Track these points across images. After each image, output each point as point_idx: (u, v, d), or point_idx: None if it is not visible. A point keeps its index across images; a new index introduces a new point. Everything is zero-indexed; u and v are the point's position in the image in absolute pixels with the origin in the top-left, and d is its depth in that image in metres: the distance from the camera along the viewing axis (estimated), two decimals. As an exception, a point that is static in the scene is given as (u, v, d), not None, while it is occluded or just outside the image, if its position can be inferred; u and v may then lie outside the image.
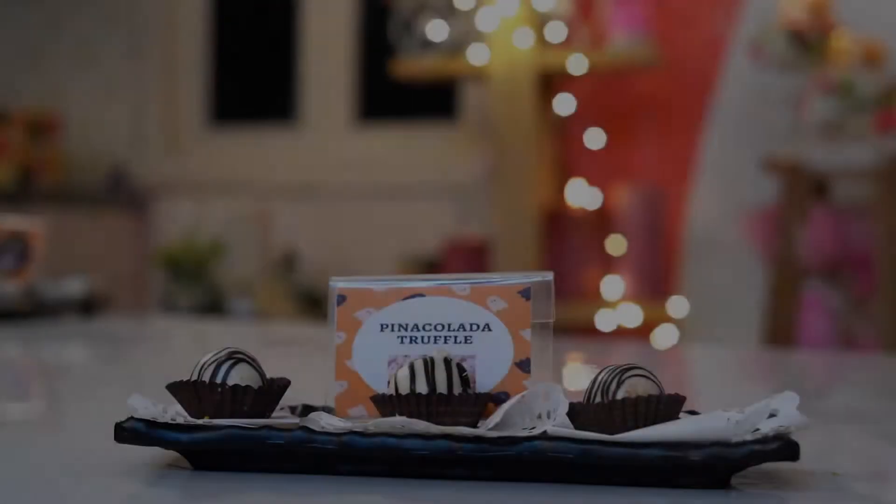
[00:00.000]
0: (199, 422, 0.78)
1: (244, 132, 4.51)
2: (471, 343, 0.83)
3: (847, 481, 0.79)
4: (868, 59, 3.08)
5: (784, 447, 0.73)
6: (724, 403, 0.79)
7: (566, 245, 3.49)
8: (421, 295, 0.85)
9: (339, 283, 0.86)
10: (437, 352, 0.80)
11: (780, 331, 3.11)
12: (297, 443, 0.76)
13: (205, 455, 0.79)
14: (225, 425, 0.77)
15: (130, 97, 4.60)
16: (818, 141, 3.10)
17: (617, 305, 3.42)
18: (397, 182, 4.15)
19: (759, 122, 3.43)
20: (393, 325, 0.84)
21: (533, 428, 0.77)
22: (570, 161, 3.69)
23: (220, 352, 0.81)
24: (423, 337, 0.84)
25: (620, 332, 3.43)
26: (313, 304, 3.89)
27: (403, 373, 0.79)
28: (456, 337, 0.84)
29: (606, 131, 3.66)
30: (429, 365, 0.78)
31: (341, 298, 0.85)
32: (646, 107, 3.69)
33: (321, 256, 4.16)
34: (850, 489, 0.78)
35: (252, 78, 4.66)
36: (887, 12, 3.33)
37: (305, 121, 4.42)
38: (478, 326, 0.84)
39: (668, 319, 3.45)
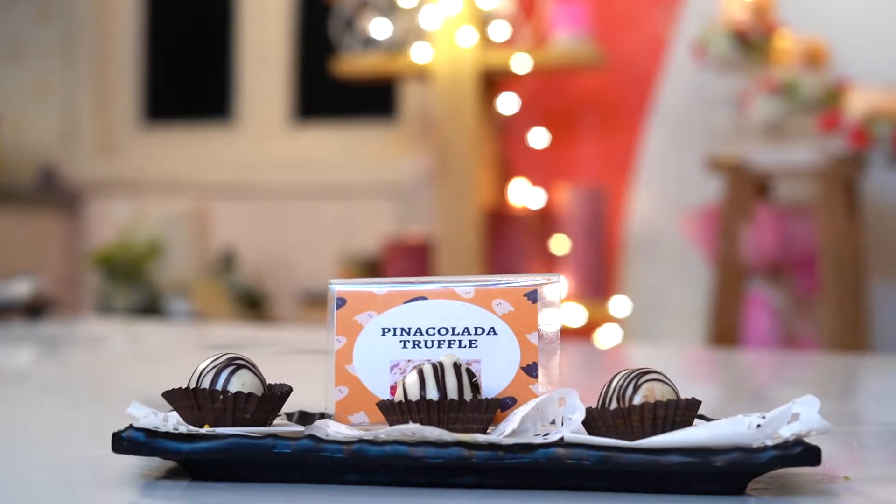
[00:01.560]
0: (202, 431, 0.75)
1: (180, 131, 4.45)
2: (476, 347, 0.81)
3: (859, 485, 0.78)
4: (810, 60, 3.10)
5: (806, 452, 0.72)
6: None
7: (509, 245, 3.48)
8: (423, 298, 0.82)
9: (338, 286, 0.83)
10: (447, 357, 0.77)
11: (724, 330, 3.12)
12: (305, 452, 0.74)
13: (205, 465, 0.76)
14: (229, 434, 0.74)
15: (62, 95, 4.52)
16: (761, 141, 3.11)
17: (560, 305, 3.41)
18: (336, 181, 4.12)
19: (700, 122, 3.44)
20: (395, 329, 0.82)
21: (547, 434, 0.75)
22: (512, 160, 3.68)
23: (219, 357, 0.79)
24: (426, 341, 0.82)
25: (563, 332, 3.41)
26: (252, 305, 3.84)
27: (412, 378, 0.76)
28: (460, 341, 0.81)
29: (548, 131, 3.66)
30: (438, 370, 0.76)
31: (341, 301, 0.83)
32: (588, 106, 3.69)
33: (260, 256, 4.11)
34: (865, 493, 0.77)
35: (187, 75, 4.60)
36: (829, 13, 3.36)
37: (242, 119, 4.37)
38: (483, 330, 0.81)
39: (611, 319, 3.45)
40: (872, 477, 0.82)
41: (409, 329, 0.82)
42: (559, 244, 3.47)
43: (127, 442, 0.75)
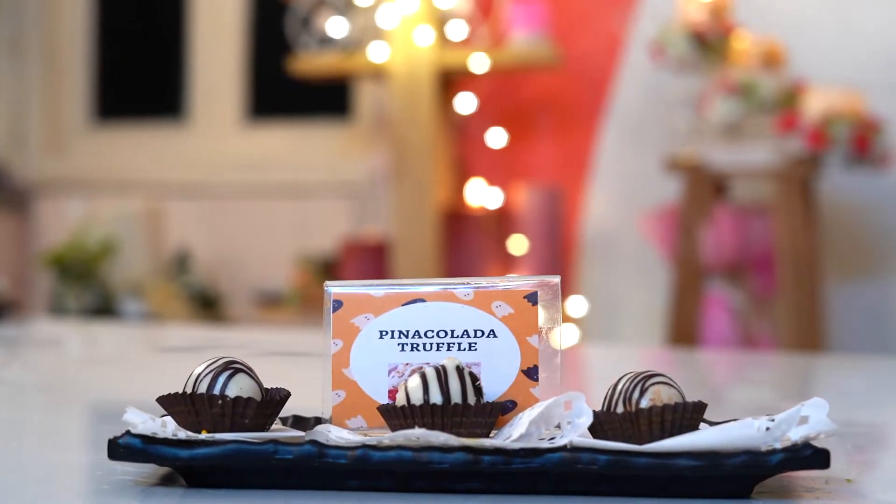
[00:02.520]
0: (202, 437, 0.73)
1: (131, 129, 4.40)
2: (475, 350, 0.80)
3: (863, 488, 0.78)
4: (768, 61, 3.11)
5: (815, 455, 0.71)
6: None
7: (466, 245, 3.47)
8: (422, 300, 0.81)
9: (334, 288, 0.82)
10: (449, 360, 0.76)
11: (683, 330, 3.13)
12: (308, 458, 0.72)
13: (201, 472, 0.74)
14: (229, 440, 0.73)
15: (11, 93, 4.45)
16: (719, 141, 3.12)
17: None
18: (291, 180, 4.09)
19: (658, 123, 3.45)
20: (393, 332, 0.81)
21: (552, 438, 0.74)
22: (468, 160, 3.67)
23: (216, 361, 0.77)
24: (424, 344, 0.80)
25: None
26: (207, 306, 3.81)
27: (415, 382, 0.75)
28: (460, 344, 0.80)
29: (505, 130, 3.65)
30: (441, 374, 0.75)
31: (337, 304, 0.81)
32: (544, 106, 3.69)
33: (214, 256, 4.08)
34: (870, 496, 0.76)
35: (139, 73, 4.55)
36: (786, 14, 3.38)
37: (195, 118, 4.33)
38: (482, 333, 0.80)
39: (568, 319, 3.45)
40: (875, 479, 0.82)
41: (408, 332, 0.81)
42: (517, 244, 3.47)
43: (124, 448, 0.73)
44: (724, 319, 3.14)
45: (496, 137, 3.64)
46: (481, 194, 3.56)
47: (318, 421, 0.83)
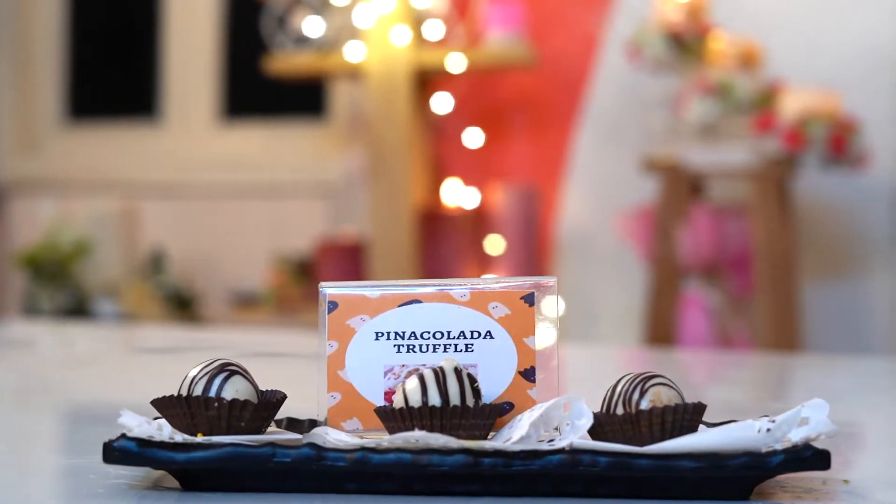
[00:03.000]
0: (198, 440, 0.72)
1: (105, 129, 4.38)
2: (472, 351, 0.80)
3: (860, 488, 0.78)
4: (745, 61, 3.12)
5: (816, 456, 0.71)
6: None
7: (443, 245, 3.47)
8: (418, 301, 0.81)
9: (329, 289, 0.81)
10: (447, 361, 0.76)
11: (660, 330, 3.13)
12: (306, 460, 0.71)
13: (196, 475, 0.74)
14: (226, 443, 0.72)
15: (-18, 92, 4.42)
16: (696, 142, 3.13)
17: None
18: (266, 180, 4.08)
19: (634, 123, 3.45)
20: (389, 334, 0.80)
21: (552, 440, 0.74)
22: (444, 160, 3.67)
23: (211, 364, 0.76)
24: (421, 345, 0.80)
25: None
26: (182, 306, 3.79)
27: (413, 384, 0.74)
28: (456, 345, 0.80)
29: (481, 130, 3.65)
30: (440, 376, 0.74)
31: (332, 305, 0.81)
32: (520, 106, 3.69)
33: (189, 257, 4.06)
34: (868, 497, 0.76)
35: (112, 72, 4.52)
36: (763, 14, 3.38)
37: (169, 117, 4.31)
38: (479, 334, 0.80)
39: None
40: (871, 479, 0.82)
41: (404, 333, 0.80)
42: (493, 244, 3.46)
43: (119, 452, 0.72)
44: (701, 319, 3.15)
45: (473, 137, 3.64)
46: (458, 194, 3.56)
47: (313, 423, 0.82)
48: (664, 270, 3.16)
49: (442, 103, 3.58)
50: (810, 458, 0.71)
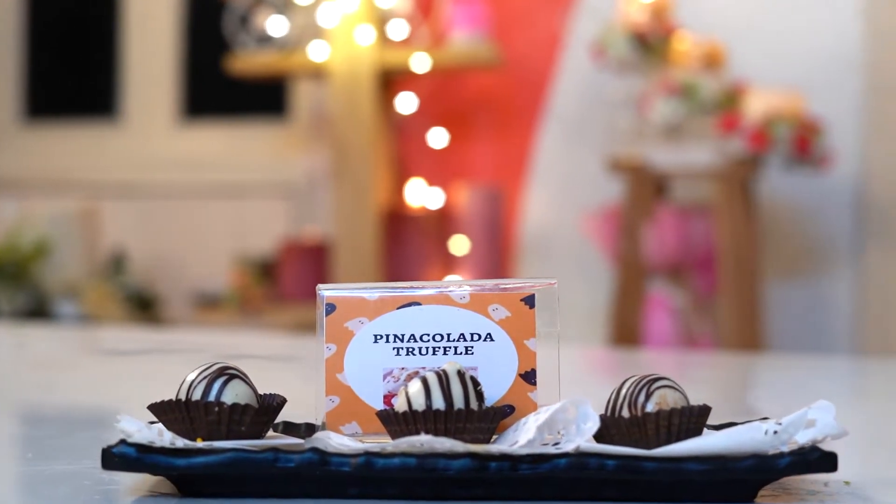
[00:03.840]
0: (199, 445, 0.71)
1: (64, 128, 4.33)
2: (472, 354, 0.79)
3: (862, 490, 0.78)
4: (709, 62, 3.13)
5: (823, 458, 0.71)
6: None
7: (407, 245, 3.46)
8: (417, 303, 0.80)
9: (327, 291, 0.80)
10: (449, 364, 0.75)
11: (625, 330, 3.13)
12: (310, 466, 0.70)
13: (195, 480, 0.72)
14: (228, 448, 0.71)
15: (-62, 90, 4.37)
16: (661, 142, 3.14)
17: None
18: (227, 180, 4.05)
19: (599, 123, 3.46)
20: (387, 336, 0.79)
21: (557, 444, 0.73)
22: (408, 160, 3.66)
23: (209, 367, 0.75)
24: (420, 348, 0.79)
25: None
26: (143, 307, 3.76)
27: (416, 387, 0.73)
28: (456, 348, 0.79)
29: (446, 130, 3.64)
30: (443, 379, 0.73)
31: (330, 308, 0.80)
32: (483, 106, 3.68)
33: (151, 257, 4.02)
34: (870, 498, 0.76)
35: (70, 71, 4.48)
36: (726, 15, 3.40)
37: (129, 116, 4.27)
38: (479, 336, 0.79)
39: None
40: (872, 481, 0.82)
41: (403, 336, 0.79)
42: (458, 245, 3.46)
43: (118, 458, 0.71)
44: (666, 319, 3.16)
45: (437, 137, 3.63)
46: (422, 194, 3.55)
47: (310, 426, 0.81)
48: (629, 271, 3.17)
49: (406, 103, 3.57)
50: (817, 460, 0.71)
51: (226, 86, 3.82)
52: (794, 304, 3.40)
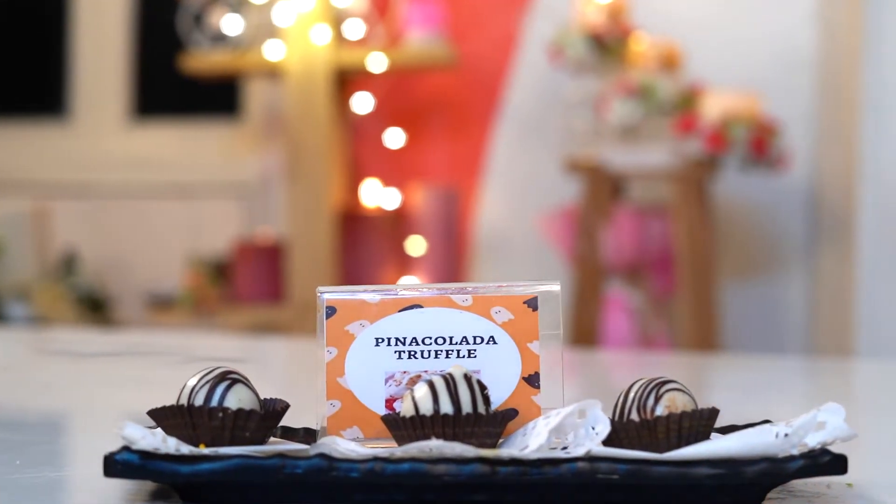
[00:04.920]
0: (204, 452, 0.69)
1: (12, 128, 4.27)
2: (475, 357, 0.78)
3: (866, 491, 0.78)
4: (666, 63, 3.14)
5: (833, 461, 0.71)
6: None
7: (363, 246, 3.44)
8: (419, 306, 0.79)
9: (327, 294, 0.79)
10: (455, 368, 0.74)
11: (583, 331, 3.14)
12: (317, 472, 0.69)
13: (197, 487, 0.71)
14: (233, 455, 0.69)
15: None
16: (618, 143, 3.14)
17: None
18: (179, 181, 4.01)
19: (555, 124, 3.46)
20: (389, 339, 0.78)
21: (565, 448, 0.72)
22: (363, 160, 3.64)
23: (210, 372, 0.73)
24: (422, 352, 0.78)
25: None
26: (95, 308, 3.72)
27: (422, 391, 0.72)
28: (459, 351, 0.78)
29: (401, 130, 3.63)
30: (450, 383, 0.72)
31: (331, 311, 0.79)
32: (438, 106, 3.68)
33: (102, 258, 3.97)
34: (875, 500, 0.76)
35: (18, 68, 4.41)
36: (683, 16, 3.41)
37: (78, 116, 4.22)
38: (482, 339, 0.78)
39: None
40: (875, 483, 0.82)
41: (405, 339, 0.78)
42: (414, 245, 3.45)
43: (121, 465, 0.69)
44: (624, 320, 3.17)
45: (393, 137, 3.62)
46: (377, 195, 3.54)
47: (308, 431, 0.80)
48: (587, 271, 3.17)
49: (362, 103, 3.56)
50: (828, 462, 0.71)
51: (178, 85, 3.79)
52: (749, 304, 3.42)
